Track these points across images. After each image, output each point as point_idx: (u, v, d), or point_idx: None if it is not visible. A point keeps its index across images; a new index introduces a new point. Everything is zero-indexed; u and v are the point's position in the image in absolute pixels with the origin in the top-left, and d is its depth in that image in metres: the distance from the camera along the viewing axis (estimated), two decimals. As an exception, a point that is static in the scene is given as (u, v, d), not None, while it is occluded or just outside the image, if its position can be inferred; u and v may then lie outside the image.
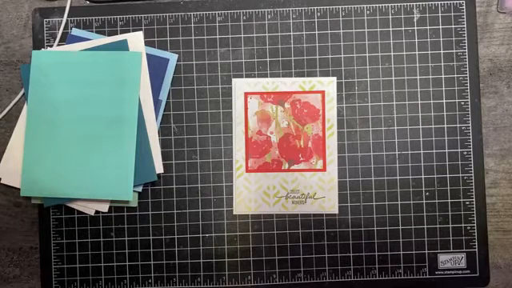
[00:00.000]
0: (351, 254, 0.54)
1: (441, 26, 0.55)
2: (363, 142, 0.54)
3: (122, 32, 0.55)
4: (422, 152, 0.54)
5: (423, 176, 0.54)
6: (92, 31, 0.55)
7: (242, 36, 0.55)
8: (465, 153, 0.54)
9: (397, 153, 0.54)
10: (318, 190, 0.54)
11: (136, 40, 0.54)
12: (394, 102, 0.55)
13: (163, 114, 0.54)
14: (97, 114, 0.52)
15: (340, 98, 0.55)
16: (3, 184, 0.54)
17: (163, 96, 0.54)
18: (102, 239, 0.54)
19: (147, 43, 0.54)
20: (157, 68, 0.54)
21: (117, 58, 0.53)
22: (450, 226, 0.54)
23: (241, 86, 0.55)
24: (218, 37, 0.55)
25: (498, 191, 0.55)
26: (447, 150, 0.54)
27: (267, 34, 0.55)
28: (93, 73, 0.53)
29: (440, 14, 0.55)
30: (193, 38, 0.55)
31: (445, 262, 0.54)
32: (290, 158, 0.54)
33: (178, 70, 0.55)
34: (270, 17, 0.55)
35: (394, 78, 0.55)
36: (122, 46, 0.53)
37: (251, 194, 0.54)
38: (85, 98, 0.53)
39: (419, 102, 0.54)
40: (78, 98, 0.53)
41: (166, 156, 0.54)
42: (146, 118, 0.53)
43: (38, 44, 0.55)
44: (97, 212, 0.54)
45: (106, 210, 0.54)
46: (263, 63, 0.55)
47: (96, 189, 0.52)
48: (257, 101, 0.55)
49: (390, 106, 0.54)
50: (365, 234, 0.54)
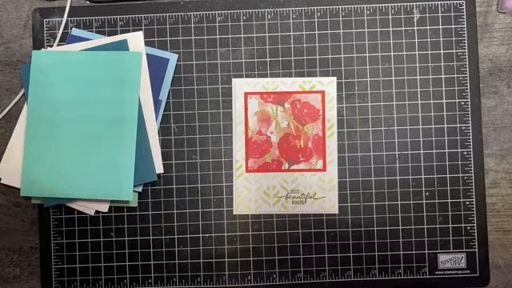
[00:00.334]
0: (351, 254, 0.54)
1: (441, 26, 0.55)
2: (363, 142, 0.54)
3: (122, 32, 0.55)
4: (421, 152, 0.54)
5: (423, 176, 0.54)
6: (92, 31, 0.55)
7: (242, 36, 0.55)
8: (465, 153, 0.54)
9: (397, 153, 0.54)
10: (318, 190, 0.54)
11: (136, 40, 0.54)
12: (394, 102, 0.55)
13: (163, 114, 0.54)
14: (97, 113, 0.52)
15: (340, 98, 0.55)
16: (3, 184, 0.54)
17: (163, 96, 0.54)
18: (101, 239, 0.54)
19: (147, 43, 0.54)
20: (157, 68, 0.54)
21: (117, 58, 0.53)
22: (450, 225, 0.54)
23: (241, 86, 0.55)
24: (217, 37, 0.55)
25: (498, 191, 0.55)
26: (447, 150, 0.54)
27: (267, 34, 0.55)
28: (93, 73, 0.53)
29: (440, 14, 0.55)
30: (193, 37, 0.55)
31: (445, 262, 0.54)
32: (290, 158, 0.54)
33: (178, 70, 0.55)
34: (270, 17, 0.55)
35: (393, 78, 0.55)
36: (122, 46, 0.53)
37: (251, 194, 0.54)
38: (85, 98, 0.53)
39: (419, 102, 0.54)
40: (78, 98, 0.53)
41: (165, 156, 0.54)
42: (146, 118, 0.53)
43: (38, 44, 0.55)
44: (97, 212, 0.54)
45: (106, 209, 0.54)
46: (263, 63, 0.55)
47: (96, 189, 0.52)
48: (257, 101, 0.55)
49: (389, 106, 0.54)
50: (365, 234, 0.54)
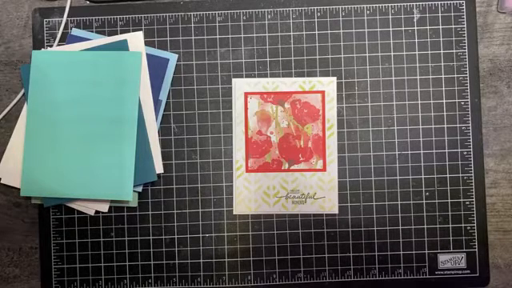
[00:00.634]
0: (351, 254, 0.54)
1: (441, 26, 0.55)
2: (363, 142, 0.54)
3: (122, 32, 0.55)
4: (421, 152, 0.54)
5: (423, 176, 0.54)
6: (92, 31, 0.55)
7: (242, 36, 0.55)
8: (465, 153, 0.54)
9: (397, 153, 0.54)
10: (318, 190, 0.54)
11: (136, 40, 0.54)
12: (394, 102, 0.55)
13: (163, 114, 0.54)
14: (97, 113, 0.52)
15: (340, 98, 0.55)
16: (3, 184, 0.54)
17: (163, 96, 0.54)
18: (101, 239, 0.54)
19: (147, 43, 0.54)
20: (157, 68, 0.54)
21: (117, 58, 0.53)
22: (450, 226, 0.54)
23: (241, 86, 0.55)
24: (217, 37, 0.55)
25: (498, 191, 0.55)
26: (447, 150, 0.54)
27: (267, 34, 0.55)
28: (93, 73, 0.53)
29: (440, 14, 0.55)
30: (193, 37, 0.55)
31: (445, 262, 0.54)
32: (290, 158, 0.54)
33: (178, 70, 0.55)
34: (270, 17, 0.55)
35: (393, 78, 0.55)
36: (122, 46, 0.53)
37: (251, 194, 0.54)
38: (85, 98, 0.53)
39: (419, 102, 0.54)
40: (78, 98, 0.53)
41: (165, 156, 0.54)
42: (146, 118, 0.53)
43: (38, 44, 0.55)
44: (97, 212, 0.54)
45: (106, 210, 0.54)
46: (263, 63, 0.55)
47: (96, 189, 0.52)
48: (257, 101, 0.55)
49: (390, 105, 0.54)
50: (365, 234, 0.54)
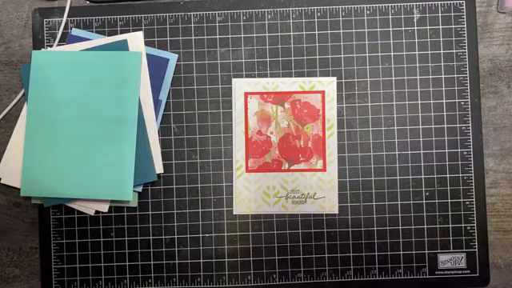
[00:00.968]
0: (351, 254, 0.54)
1: (441, 26, 0.55)
2: (363, 142, 0.54)
3: (122, 32, 0.55)
4: (421, 152, 0.54)
5: (423, 176, 0.54)
6: (92, 31, 0.55)
7: (242, 36, 0.55)
8: (465, 153, 0.54)
9: (397, 153, 0.54)
10: (318, 190, 0.54)
11: (136, 40, 0.54)
12: (394, 102, 0.55)
13: (163, 114, 0.54)
14: (97, 113, 0.52)
15: (340, 98, 0.55)
16: (3, 184, 0.54)
17: (163, 96, 0.54)
18: (101, 239, 0.54)
19: (147, 43, 0.54)
20: (157, 68, 0.54)
21: (117, 58, 0.53)
22: (450, 226, 0.54)
23: (241, 86, 0.55)
24: (217, 37, 0.55)
25: (498, 191, 0.55)
26: (447, 150, 0.54)
27: (267, 34, 0.55)
28: (93, 73, 0.53)
29: (440, 14, 0.55)
30: (193, 37, 0.55)
31: (445, 262, 0.54)
32: (290, 158, 0.54)
33: (178, 70, 0.55)
34: (270, 17, 0.55)
35: (393, 78, 0.55)
36: (122, 46, 0.53)
37: (251, 194, 0.54)
38: (85, 98, 0.53)
39: (419, 102, 0.54)
40: (78, 98, 0.53)
41: (165, 156, 0.54)
42: (146, 118, 0.53)
43: (38, 44, 0.55)
44: (97, 212, 0.54)
45: (106, 210, 0.54)
46: (263, 63, 0.55)
47: (96, 189, 0.52)
48: (257, 101, 0.55)
49: (390, 105, 0.54)
50: (365, 234, 0.54)
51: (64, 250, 0.54)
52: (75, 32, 0.55)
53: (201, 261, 0.54)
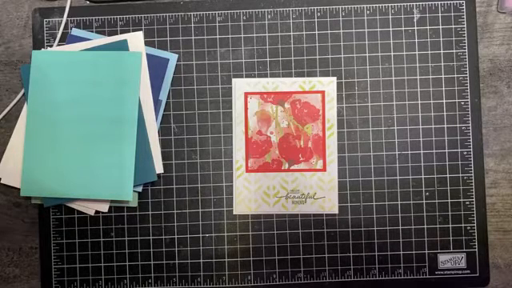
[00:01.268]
0: (351, 254, 0.54)
1: (441, 26, 0.55)
2: (363, 142, 0.54)
3: (122, 32, 0.55)
4: (421, 152, 0.54)
5: (423, 176, 0.54)
6: (92, 31, 0.55)
7: (242, 36, 0.55)
8: (465, 153, 0.54)
9: (397, 153, 0.54)
10: (318, 190, 0.54)
11: (136, 40, 0.54)
12: (394, 102, 0.55)
13: (163, 114, 0.54)
14: (97, 113, 0.52)
15: (340, 98, 0.55)
16: (3, 184, 0.54)
17: (163, 96, 0.54)
18: (101, 239, 0.54)
19: (147, 43, 0.54)
20: (157, 68, 0.54)
21: (117, 58, 0.53)
22: (450, 226, 0.54)
23: (241, 86, 0.55)
24: (218, 37, 0.55)
25: (498, 191, 0.55)
26: (447, 150, 0.54)
27: (267, 34, 0.55)
28: (93, 73, 0.53)
29: (440, 14, 0.55)
30: (193, 37, 0.55)
31: (445, 262, 0.54)
32: (290, 158, 0.54)
33: (178, 70, 0.55)
34: (269, 17, 0.55)
35: (393, 78, 0.55)
36: (122, 46, 0.53)
37: (251, 194, 0.54)
38: (85, 98, 0.53)
39: (419, 102, 0.54)
40: (78, 98, 0.53)
41: (165, 156, 0.54)
42: (146, 118, 0.53)
43: (38, 44, 0.55)
44: (97, 212, 0.54)
45: (106, 210, 0.54)
46: (263, 63, 0.55)
47: (96, 189, 0.52)
48: (257, 101, 0.55)
49: (389, 105, 0.54)
50: (365, 234, 0.54)
51: (64, 250, 0.54)
52: (75, 32, 0.55)
53: (201, 261, 0.54)
